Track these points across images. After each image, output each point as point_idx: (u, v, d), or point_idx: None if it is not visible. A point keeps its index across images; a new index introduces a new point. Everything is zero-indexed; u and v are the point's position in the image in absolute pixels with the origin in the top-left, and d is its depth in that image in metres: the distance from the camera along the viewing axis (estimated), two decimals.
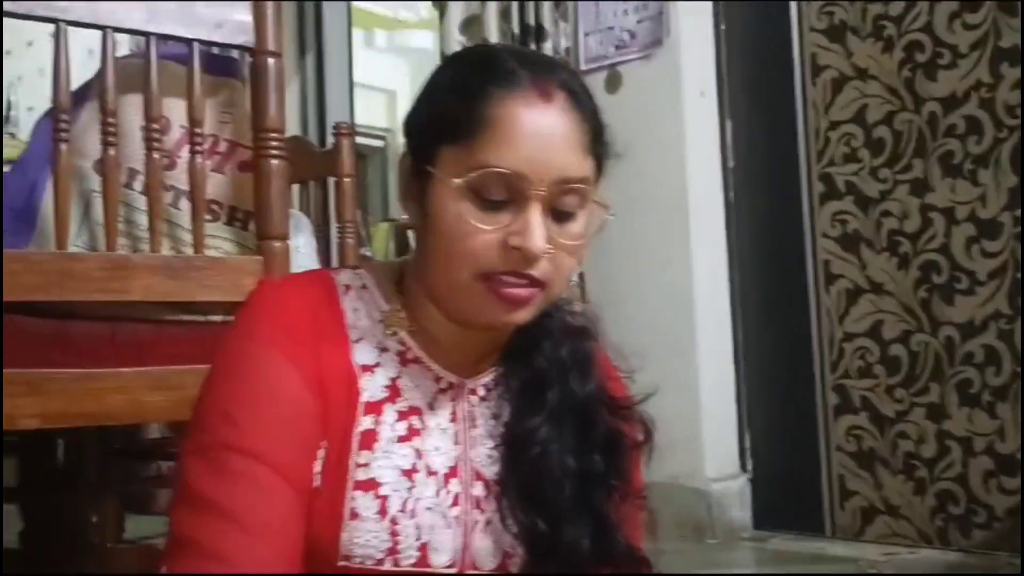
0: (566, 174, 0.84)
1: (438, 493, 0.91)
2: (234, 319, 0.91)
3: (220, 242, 1.45)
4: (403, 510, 0.89)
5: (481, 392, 0.96)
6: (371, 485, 0.88)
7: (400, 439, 0.90)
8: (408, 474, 0.90)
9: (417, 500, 0.90)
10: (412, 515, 0.89)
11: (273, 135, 1.43)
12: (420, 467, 0.91)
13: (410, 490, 0.90)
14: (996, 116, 2.44)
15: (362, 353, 0.91)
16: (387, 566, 0.88)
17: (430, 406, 0.93)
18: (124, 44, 1.76)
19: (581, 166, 0.86)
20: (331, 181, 2.18)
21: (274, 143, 1.43)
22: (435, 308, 0.91)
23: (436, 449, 0.92)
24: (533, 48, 2.87)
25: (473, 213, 0.84)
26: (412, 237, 0.96)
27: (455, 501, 0.92)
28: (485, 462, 0.94)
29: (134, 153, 1.39)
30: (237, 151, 1.47)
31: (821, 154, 2.73)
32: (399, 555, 0.88)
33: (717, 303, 2.85)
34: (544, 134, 0.83)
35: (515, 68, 0.85)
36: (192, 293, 1.39)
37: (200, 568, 0.79)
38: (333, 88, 4.13)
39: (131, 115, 1.39)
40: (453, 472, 0.93)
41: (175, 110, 1.41)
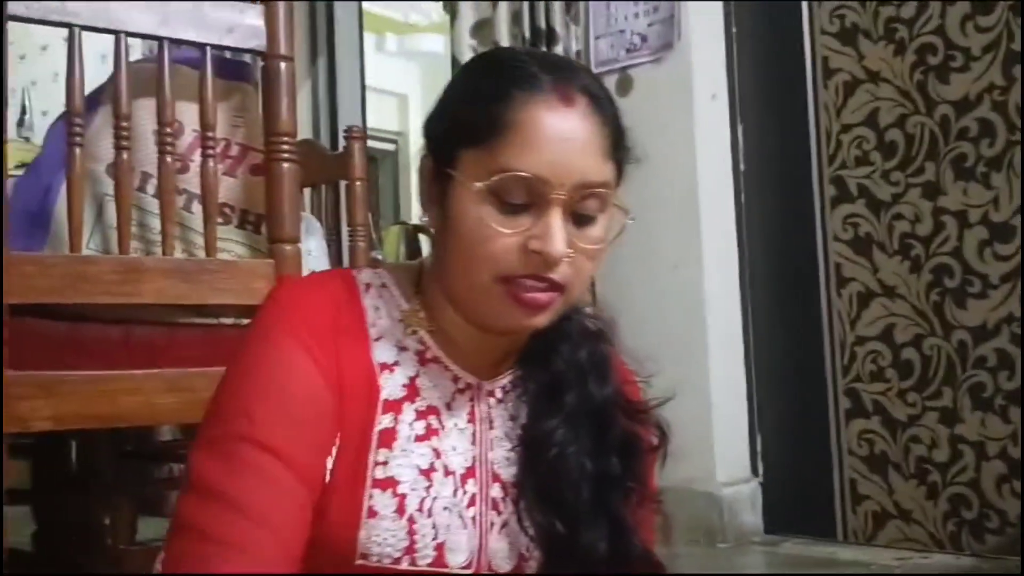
0: (587, 178, 0.84)
1: (455, 493, 0.92)
2: (256, 314, 0.91)
3: (232, 245, 1.46)
4: (420, 509, 0.89)
5: (499, 394, 0.96)
6: (389, 483, 0.88)
7: (418, 438, 0.91)
8: (426, 473, 0.90)
9: (434, 499, 0.90)
10: (429, 514, 0.90)
11: (285, 139, 1.44)
12: (438, 466, 0.91)
13: (428, 489, 0.90)
14: (1009, 119, 2.43)
15: (382, 351, 0.91)
16: (404, 565, 0.88)
17: (448, 406, 0.93)
18: (137, 48, 1.77)
19: (602, 170, 0.86)
20: (342, 185, 2.19)
21: (286, 147, 1.44)
22: (454, 310, 0.91)
23: (453, 449, 0.93)
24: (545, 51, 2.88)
25: (494, 216, 0.84)
26: (427, 240, 0.96)
27: (472, 501, 0.93)
28: (502, 464, 0.95)
29: (147, 157, 1.40)
30: (249, 155, 1.48)
31: (833, 157, 2.72)
32: (416, 554, 0.89)
33: (728, 306, 2.84)
34: (565, 138, 0.84)
35: (537, 72, 0.85)
36: (204, 296, 1.39)
37: (199, 552, 0.79)
38: (344, 92, 4.14)
39: (144, 119, 1.39)
40: (470, 472, 0.93)
41: (188, 114, 1.42)
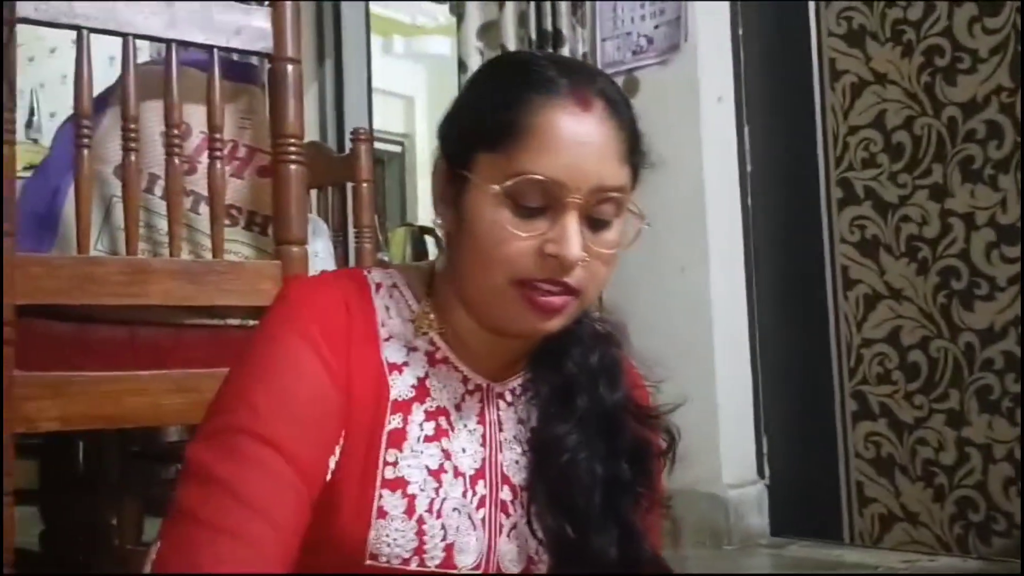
0: (603, 182, 0.84)
1: (465, 494, 0.92)
2: (266, 312, 0.91)
3: (239, 247, 1.46)
4: (430, 510, 0.89)
5: (509, 397, 0.97)
6: (399, 484, 0.89)
7: (427, 439, 0.91)
8: (435, 474, 0.90)
9: (444, 501, 0.90)
10: (438, 515, 0.90)
11: (292, 140, 1.44)
12: (447, 468, 0.91)
13: (437, 490, 0.90)
14: (1016, 121, 2.42)
15: (392, 351, 0.91)
16: (413, 566, 0.88)
17: (457, 407, 0.93)
18: (145, 50, 1.78)
19: (618, 175, 0.86)
20: (349, 186, 2.19)
21: (293, 148, 1.44)
22: (466, 313, 0.91)
23: (463, 450, 0.93)
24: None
25: (510, 220, 0.84)
26: (433, 241, 0.96)
27: (481, 503, 0.93)
28: (512, 467, 0.95)
29: (155, 158, 1.41)
30: (256, 156, 1.48)
31: (840, 159, 2.72)
32: (425, 555, 0.89)
33: (734, 308, 2.84)
34: (582, 142, 0.84)
35: (555, 76, 0.85)
36: (211, 297, 1.40)
37: (194, 538, 0.79)
38: (351, 94, 4.14)
39: (152, 121, 1.40)
40: (480, 474, 0.93)
41: (195, 116, 1.42)
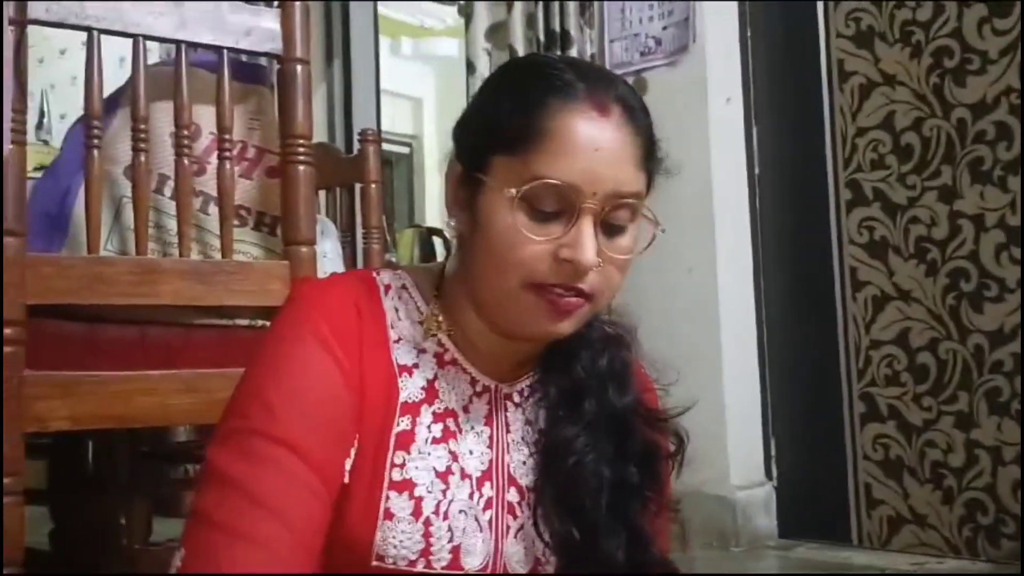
0: (619, 188, 0.85)
1: (471, 496, 0.92)
2: (278, 313, 0.92)
3: (248, 247, 1.47)
4: (436, 512, 0.89)
5: (517, 398, 0.97)
6: (406, 486, 0.89)
7: (435, 440, 0.91)
8: (443, 476, 0.91)
9: (451, 502, 0.90)
10: (445, 517, 0.90)
11: (300, 141, 1.44)
12: (455, 469, 0.91)
13: (444, 492, 0.90)
14: None
15: (402, 354, 0.91)
16: (420, 567, 0.89)
17: (465, 409, 0.93)
18: (154, 52, 1.78)
19: (634, 180, 0.86)
20: (357, 187, 2.20)
21: (301, 149, 1.44)
22: (476, 315, 0.91)
23: (470, 452, 0.93)
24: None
25: (525, 223, 0.84)
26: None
27: (488, 505, 0.93)
28: (520, 468, 0.95)
29: (164, 159, 1.41)
30: (265, 157, 1.49)
31: (848, 160, 2.71)
32: (432, 557, 0.89)
33: (743, 310, 2.83)
34: (599, 147, 0.84)
35: (573, 80, 0.85)
36: (220, 297, 1.40)
37: (212, 543, 0.79)
38: (360, 95, 4.15)
39: (161, 122, 1.40)
40: (486, 476, 0.93)
41: (204, 117, 1.43)
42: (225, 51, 1.41)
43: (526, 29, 3.01)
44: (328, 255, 1.72)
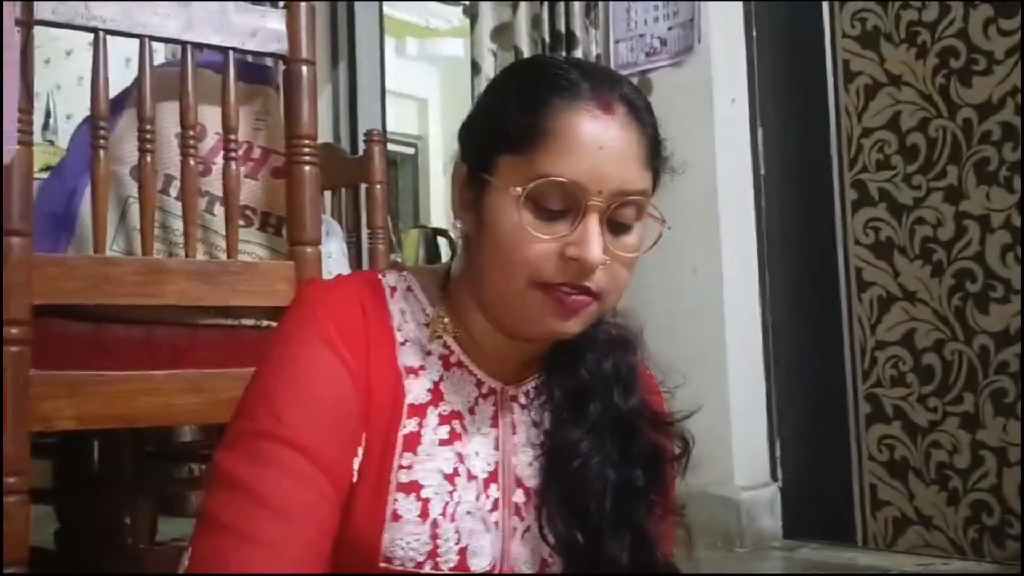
0: (625, 186, 0.85)
1: (478, 498, 0.92)
2: (284, 315, 0.92)
3: (253, 247, 1.47)
4: (443, 513, 0.89)
5: (522, 400, 0.97)
6: (413, 487, 0.89)
7: (442, 442, 0.91)
8: (449, 478, 0.91)
9: (458, 504, 0.90)
10: (452, 519, 0.90)
11: (306, 142, 1.45)
12: (461, 471, 0.91)
13: (451, 494, 0.90)
14: None
15: (407, 355, 0.92)
16: (427, 569, 0.89)
17: (471, 411, 0.93)
18: (160, 52, 1.79)
19: (639, 178, 0.86)
20: (362, 188, 2.20)
21: (307, 150, 1.45)
22: (482, 315, 0.91)
23: (476, 454, 0.93)
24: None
25: (531, 222, 0.84)
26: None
27: (495, 506, 0.93)
28: (525, 470, 0.95)
29: (170, 159, 1.42)
30: (270, 157, 1.49)
31: (854, 161, 2.71)
32: (439, 558, 0.89)
33: (748, 310, 2.83)
34: (604, 146, 0.84)
35: (577, 79, 0.85)
36: (225, 297, 1.41)
37: (219, 547, 0.79)
38: (365, 96, 4.16)
39: (167, 122, 1.41)
40: (493, 477, 0.93)
41: (210, 117, 1.43)
42: (231, 52, 1.41)
43: (531, 30, 3.02)
44: (333, 255, 1.73)
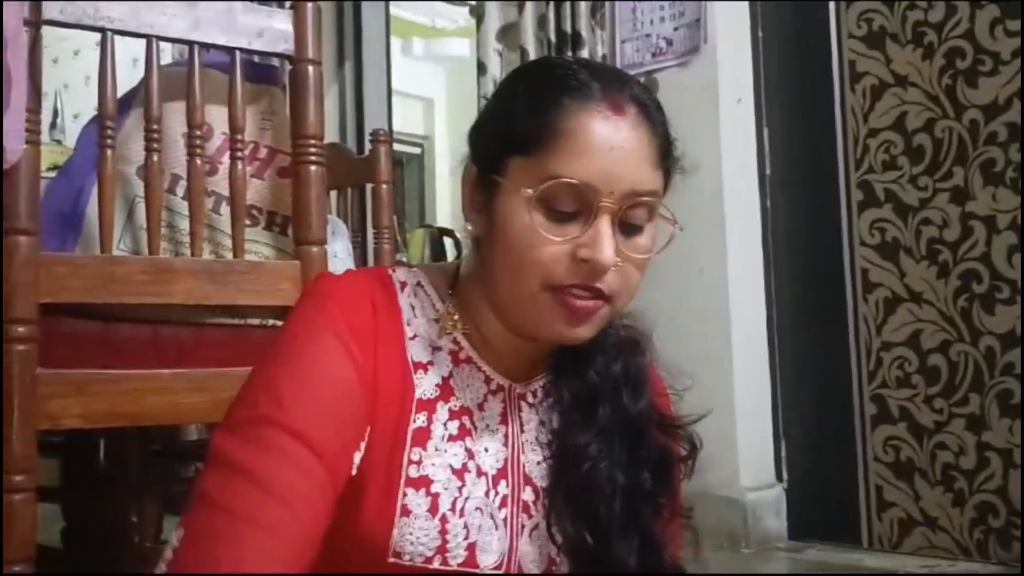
0: (636, 187, 0.85)
1: (487, 494, 0.92)
2: (294, 307, 0.92)
3: (259, 247, 1.47)
4: (453, 509, 0.90)
5: (531, 399, 0.97)
6: (423, 482, 0.89)
7: (451, 438, 0.91)
8: (459, 473, 0.91)
9: (467, 500, 0.91)
10: (461, 514, 0.90)
11: (312, 142, 1.45)
12: (471, 467, 0.92)
13: (460, 489, 0.90)
14: None
15: (417, 351, 0.92)
16: (436, 564, 0.89)
17: (480, 407, 0.94)
18: (167, 52, 1.79)
19: (651, 179, 0.86)
20: (368, 187, 2.21)
21: (313, 149, 1.45)
22: (492, 314, 0.91)
23: (486, 450, 0.93)
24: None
25: (542, 224, 0.84)
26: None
27: (503, 503, 0.93)
28: (535, 469, 0.95)
29: (177, 159, 1.42)
30: (277, 157, 1.49)
31: (860, 161, 2.71)
32: (448, 554, 0.89)
33: (753, 311, 2.83)
34: (615, 146, 0.84)
35: (588, 80, 0.85)
36: (232, 296, 1.41)
37: (213, 524, 0.78)
38: (371, 96, 4.16)
39: (174, 122, 1.41)
40: (502, 474, 0.93)
41: (217, 117, 1.43)
42: (237, 52, 1.41)
43: (537, 30, 3.02)
44: (339, 255, 1.73)
